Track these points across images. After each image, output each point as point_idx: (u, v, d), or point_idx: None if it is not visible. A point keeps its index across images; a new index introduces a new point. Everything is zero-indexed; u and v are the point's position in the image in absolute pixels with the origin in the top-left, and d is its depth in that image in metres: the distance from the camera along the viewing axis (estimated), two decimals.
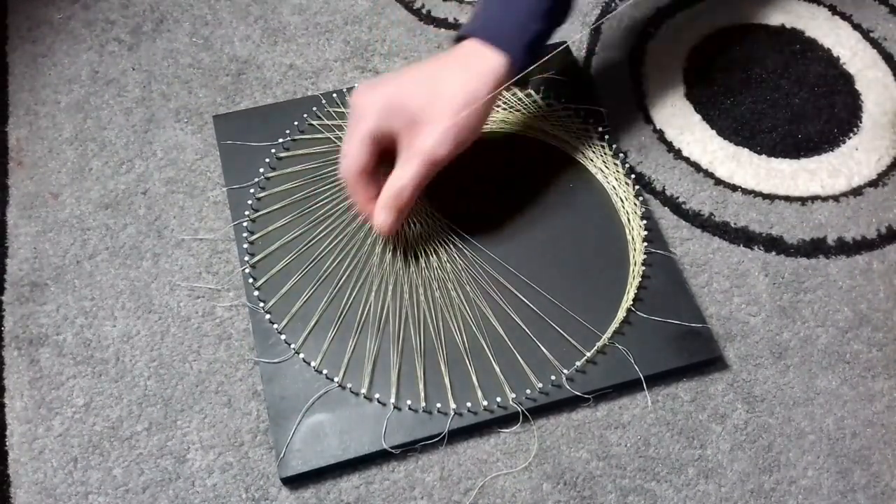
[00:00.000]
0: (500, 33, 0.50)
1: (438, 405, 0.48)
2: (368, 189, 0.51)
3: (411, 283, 0.53)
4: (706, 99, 0.63)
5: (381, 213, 0.50)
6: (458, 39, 0.52)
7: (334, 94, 0.60)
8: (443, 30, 0.66)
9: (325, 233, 0.54)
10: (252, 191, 0.56)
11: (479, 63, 0.50)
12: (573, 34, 0.66)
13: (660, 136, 0.61)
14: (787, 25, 0.67)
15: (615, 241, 0.55)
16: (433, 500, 0.47)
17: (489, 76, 0.49)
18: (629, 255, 0.54)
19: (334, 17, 0.66)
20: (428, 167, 0.49)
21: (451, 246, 0.54)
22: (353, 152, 0.50)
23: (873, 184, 0.60)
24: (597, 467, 0.48)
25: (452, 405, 0.48)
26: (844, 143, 0.62)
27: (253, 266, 0.53)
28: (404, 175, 0.49)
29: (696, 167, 0.60)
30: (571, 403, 0.50)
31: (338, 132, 0.59)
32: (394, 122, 0.49)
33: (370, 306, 0.52)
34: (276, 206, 0.55)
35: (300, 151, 0.58)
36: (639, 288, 0.53)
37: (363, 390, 0.49)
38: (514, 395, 0.49)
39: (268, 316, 0.51)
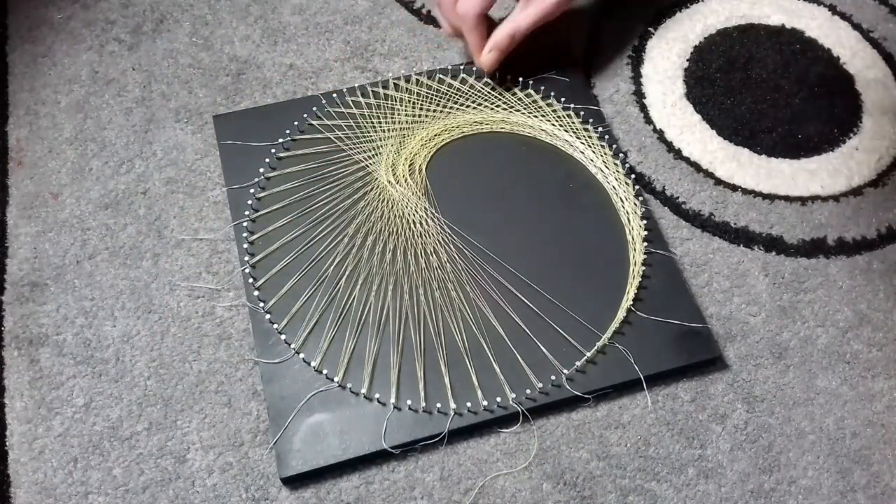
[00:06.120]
0: None
1: (438, 405, 0.48)
2: (482, 29, 0.58)
3: (411, 283, 0.53)
4: (706, 99, 0.63)
5: (493, 53, 0.58)
6: None
7: (334, 94, 0.60)
8: (443, 30, 0.66)
9: (325, 233, 0.54)
10: (252, 191, 0.56)
11: None
12: (573, 34, 0.66)
13: (660, 136, 0.61)
14: (787, 25, 0.67)
15: (615, 241, 0.55)
16: (433, 500, 0.47)
17: None
18: (629, 255, 0.54)
19: (334, 17, 0.66)
20: (545, 15, 0.57)
21: (451, 246, 0.54)
22: None
23: (873, 184, 0.60)
24: (597, 467, 0.48)
25: (452, 405, 0.48)
26: (844, 143, 0.62)
27: (253, 266, 0.53)
28: (522, 20, 0.57)
29: (696, 167, 0.60)
30: (571, 403, 0.50)
31: (338, 132, 0.59)
32: None
33: (370, 306, 0.52)
34: (276, 206, 0.55)
35: (300, 151, 0.58)
36: (639, 288, 0.53)
37: (363, 390, 0.49)
38: (514, 395, 0.49)
39: (268, 316, 0.51)
